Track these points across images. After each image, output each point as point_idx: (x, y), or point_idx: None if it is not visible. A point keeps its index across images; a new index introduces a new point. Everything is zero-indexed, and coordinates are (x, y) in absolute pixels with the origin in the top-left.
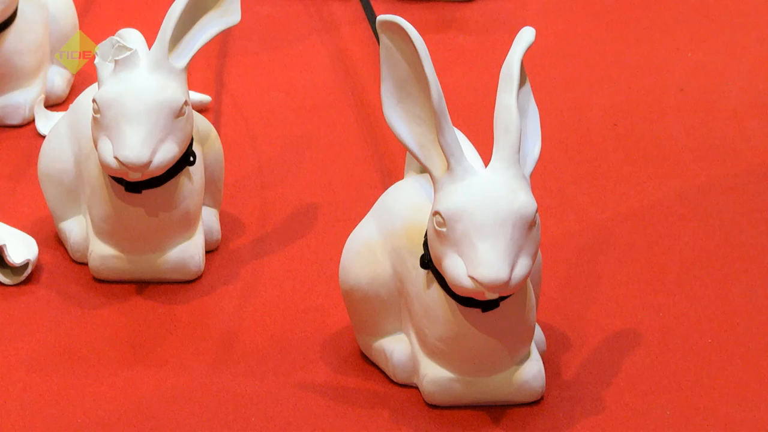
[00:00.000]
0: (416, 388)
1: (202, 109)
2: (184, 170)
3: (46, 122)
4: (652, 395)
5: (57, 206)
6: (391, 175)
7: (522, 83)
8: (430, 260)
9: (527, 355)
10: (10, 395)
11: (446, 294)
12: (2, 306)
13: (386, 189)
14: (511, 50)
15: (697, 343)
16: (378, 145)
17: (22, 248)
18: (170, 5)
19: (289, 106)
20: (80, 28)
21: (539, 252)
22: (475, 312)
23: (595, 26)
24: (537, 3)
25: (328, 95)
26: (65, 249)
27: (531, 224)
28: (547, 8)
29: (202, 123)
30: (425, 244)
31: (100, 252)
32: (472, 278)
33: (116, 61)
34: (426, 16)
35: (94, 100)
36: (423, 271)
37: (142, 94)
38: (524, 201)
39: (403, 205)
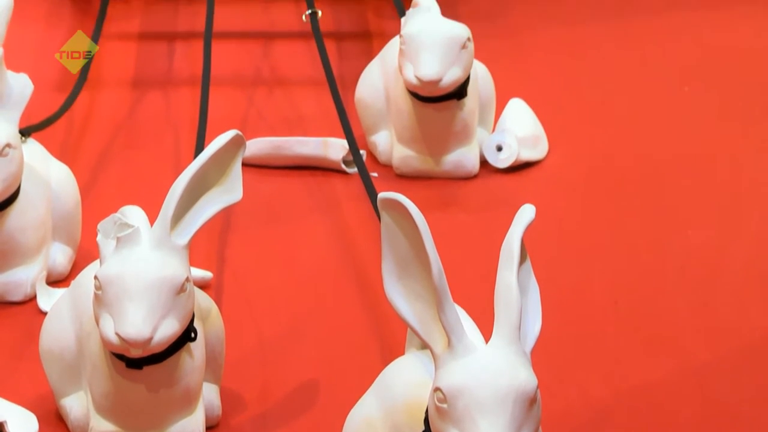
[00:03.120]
0: None
1: (203, 285)
2: (185, 346)
3: (48, 299)
4: None
5: (58, 383)
6: (391, 351)
7: (522, 260)
8: None
9: None
10: None
11: None
12: None
13: (387, 365)
14: (511, 228)
15: None
16: (379, 321)
17: (23, 424)
18: (172, 182)
19: (290, 283)
20: (82, 206)
21: (540, 428)
22: None
23: (596, 204)
24: (537, 180)
25: (329, 272)
26: (66, 425)
27: (532, 401)
28: (547, 186)
29: (203, 299)
30: (426, 421)
31: (101, 428)
32: None
33: (118, 239)
34: (427, 193)
35: (96, 277)
36: None
37: (144, 271)
38: (525, 378)
39: (404, 382)
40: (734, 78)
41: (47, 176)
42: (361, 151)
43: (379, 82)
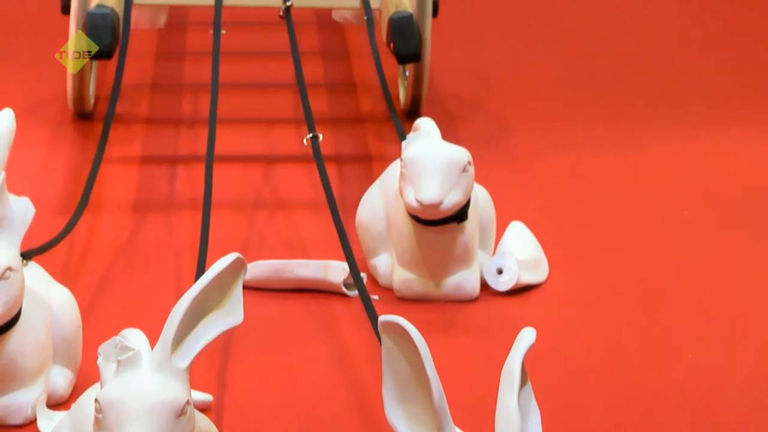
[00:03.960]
0: None
1: (203, 408)
2: None
3: (48, 422)
4: None
5: None
6: None
7: (523, 384)
8: None
9: None
10: None
11: None
12: None
13: None
14: (512, 351)
15: None
16: None
17: None
18: (173, 305)
19: (290, 406)
20: (83, 329)
21: None
22: None
23: (596, 328)
24: (538, 304)
25: (329, 395)
26: None
27: None
28: (548, 309)
29: (203, 422)
30: None
31: None
32: None
33: (119, 362)
34: (428, 316)
35: (96, 400)
36: None
37: (144, 394)
38: None
39: None
40: (734, 202)
41: (48, 299)
42: (362, 274)
43: (379, 206)
